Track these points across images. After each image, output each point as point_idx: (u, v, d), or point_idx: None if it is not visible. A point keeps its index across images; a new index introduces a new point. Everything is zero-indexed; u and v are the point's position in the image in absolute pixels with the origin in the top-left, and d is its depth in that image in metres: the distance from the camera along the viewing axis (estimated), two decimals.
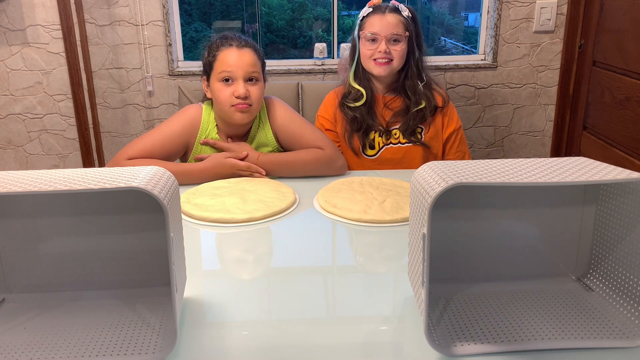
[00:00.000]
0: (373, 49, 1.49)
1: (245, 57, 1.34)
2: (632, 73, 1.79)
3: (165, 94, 2.30)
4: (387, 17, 1.49)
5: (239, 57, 1.34)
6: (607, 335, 0.67)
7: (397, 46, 1.49)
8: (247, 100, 1.33)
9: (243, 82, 1.33)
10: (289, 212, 1.12)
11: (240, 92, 1.32)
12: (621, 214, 0.71)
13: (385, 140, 1.55)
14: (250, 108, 1.35)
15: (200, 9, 2.49)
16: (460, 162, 0.69)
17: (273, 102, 1.45)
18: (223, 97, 1.34)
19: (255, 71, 1.35)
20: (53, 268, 0.78)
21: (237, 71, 1.33)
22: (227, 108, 1.34)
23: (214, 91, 1.36)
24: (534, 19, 2.25)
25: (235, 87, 1.33)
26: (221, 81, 1.34)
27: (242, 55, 1.34)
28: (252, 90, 1.34)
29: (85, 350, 0.65)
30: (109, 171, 0.67)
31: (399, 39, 1.49)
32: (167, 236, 0.62)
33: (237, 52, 1.34)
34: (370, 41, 1.50)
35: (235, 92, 1.32)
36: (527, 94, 2.36)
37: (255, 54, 1.37)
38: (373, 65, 1.51)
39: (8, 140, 2.34)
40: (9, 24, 2.18)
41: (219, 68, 1.34)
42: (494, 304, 0.75)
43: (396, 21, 1.49)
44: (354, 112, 1.54)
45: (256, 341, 0.69)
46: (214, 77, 1.36)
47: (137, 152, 1.32)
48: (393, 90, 1.57)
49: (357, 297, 0.79)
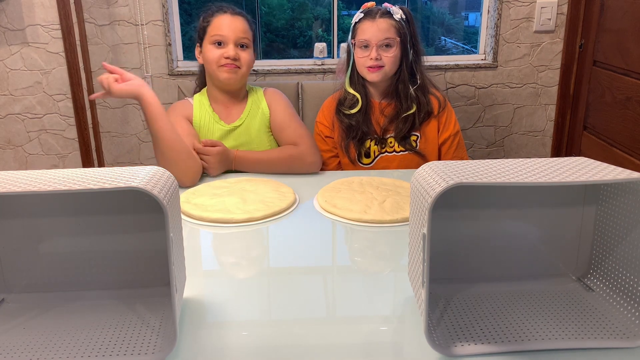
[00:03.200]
0: (365, 56, 1.47)
1: (237, 23, 1.43)
2: (632, 73, 1.79)
3: (165, 94, 2.30)
4: (377, 22, 1.46)
5: (231, 22, 1.42)
6: (607, 335, 0.67)
7: (388, 52, 1.46)
8: (236, 62, 1.41)
9: (234, 46, 1.41)
10: (289, 212, 1.12)
11: (230, 53, 1.40)
12: (621, 214, 0.71)
13: (381, 149, 1.54)
14: (239, 70, 1.42)
15: (200, 8, 2.49)
16: (460, 162, 0.69)
17: (276, 91, 1.54)
18: (212, 57, 1.41)
19: (246, 37, 1.43)
20: (53, 268, 0.78)
21: (229, 35, 1.40)
22: (215, 67, 1.41)
23: (205, 53, 1.43)
24: (534, 18, 2.25)
25: (225, 49, 1.40)
26: (213, 44, 1.42)
27: (234, 21, 1.43)
28: (242, 54, 1.42)
29: (85, 350, 0.65)
30: (108, 171, 0.66)
31: (390, 44, 1.46)
32: (167, 236, 0.62)
33: (230, 18, 1.43)
34: (363, 48, 1.48)
35: (225, 53, 1.40)
36: (527, 94, 2.36)
37: (247, 22, 1.46)
38: (366, 71, 1.49)
39: (7, 140, 2.34)
40: (8, 24, 2.17)
41: (212, 32, 1.42)
42: (494, 304, 0.75)
43: (387, 26, 1.46)
44: (350, 119, 1.52)
45: (256, 341, 0.69)
46: (206, 40, 1.43)
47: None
48: (388, 96, 1.55)
49: (357, 297, 0.79)
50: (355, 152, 1.53)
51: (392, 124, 1.53)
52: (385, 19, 1.47)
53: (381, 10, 1.49)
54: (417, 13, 2.69)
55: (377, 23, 1.46)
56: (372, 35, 1.46)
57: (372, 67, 1.47)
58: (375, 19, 1.47)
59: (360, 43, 1.48)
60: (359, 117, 1.52)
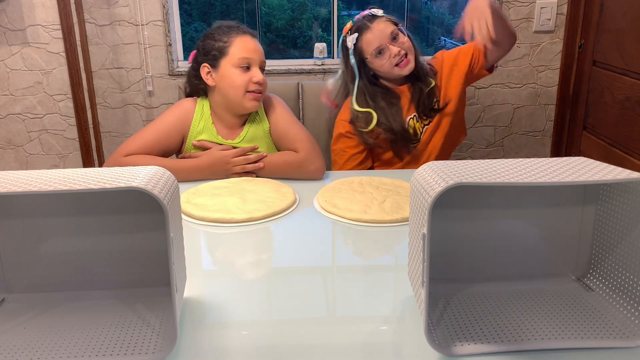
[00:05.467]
0: (386, 60, 1.48)
1: (258, 45, 1.38)
2: (632, 73, 1.79)
3: (165, 94, 2.30)
4: (374, 27, 1.47)
5: (255, 44, 1.37)
6: (607, 335, 0.67)
7: (400, 41, 1.49)
8: (261, 86, 1.35)
9: (258, 69, 1.35)
10: (289, 212, 1.12)
11: (260, 78, 1.34)
12: (621, 214, 0.71)
13: (422, 124, 1.56)
14: (262, 96, 1.37)
15: (200, 9, 2.49)
16: (460, 162, 0.69)
17: (272, 96, 1.47)
18: (240, 82, 1.33)
19: (265, 61, 1.38)
20: (53, 268, 0.78)
21: (255, 58, 1.35)
22: (241, 94, 1.34)
23: (228, 77, 1.34)
24: (534, 18, 2.25)
25: (253, 74, 1.34)
26: (238, 67, 1.34)
27: (256, 43, 1.38)
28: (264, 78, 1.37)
29: (85, 350, 0.65)
30: (109, 171, 0.67)
31: (396, 35, 1.48)
32: (167, 236, 0.62)
33: (252, 40, 1.37)
34: (378, 55, 1.48)
35: (255, 78, 1.33)
36: (527, 94, 2.36)
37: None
38: (398, 70, 1.49)
39: (8, 140, 2.34)
40: (9, 24, 2.17)
41: (238, 54, 1.34)
42: (494, 304, 0.75)
43: (383, 24, 1.48)
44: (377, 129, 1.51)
45: (256, 341, 0.69)
46: (228, 62, 1.34)
47: (135, 148, 1.33)
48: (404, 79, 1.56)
49: (357, 297, 0.79)
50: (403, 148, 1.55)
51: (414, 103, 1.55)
52: (376, 20, 1.49)
53: (366, 17, 1.50)
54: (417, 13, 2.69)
55: (375, 27, 1.48)
56: (380, 39, 1.47)
57: (401, 63, 1.49)
58: (370, 27, 1.48)
59: (374, 52, 1.48)
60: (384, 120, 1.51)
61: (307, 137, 1.37)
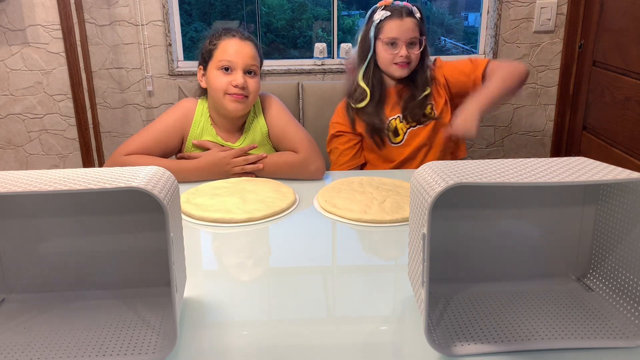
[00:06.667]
0: (394, 54, 1.51)
1: (246, 49, 1.36)
2: (632, 73, 1.79)
3: (165, 94, 2.30)
4: (405, 22, 1.50)
5: (240, 48, 1.35)
6: (607, 335, 0.67)
7: (414, 49, 1.52)
8: (244, 91, 1.34)
9: (242, 72, 1.34)
10: (289, 212, 1.12)
11: (239, 82, 1.32)
12: (621, 214, 0.71)
13: (406, 125, 1.57)
14: (246, 100, 1.35)
15: (200, 9, 2.49)
16: (460, 162, 0.69)
17: (268, 98, 1.46)
18: (219, 85, 1.34)
19: (254, 64, 1.36)
20: (53, 268, 0.78)
21: (238, 61, 1.34)
22: (221, 96, 1.34)
23: (210, 79, 1.36)
24: (534, 18, 2.25)
25: (233, 77, 1.33)
26: (220, 69, 1.34)
27: (243, 46, 1.35)
28: (250, 82, 1.35)
29: (85, 350, 0.65)
30: (109, 171, 0.67)
31: (415, 42, 1.52)
32: (167, 236, 0.62)
33: (239, 43, 1.36)
34: (389, 45, 1.51)
35: (233, 82, 1.32)
36: (527, 94, 2.36)
37: (256, 48, 1.39)
38: (394, 68, 1.53)
39: (8, 140, 2.34)
40: (9, 24, 2.18)
41: (220, 56, 1.34)
42: (494, 304, 0.75)
43: (413, 25, 1.51)
44: (361, 116, 1.56)
45: (256, 341, 0.69)
46: (212, 65, 1.36)
47: (134, 148, 1.33)
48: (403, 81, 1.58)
49: (357, 297, 0.79)
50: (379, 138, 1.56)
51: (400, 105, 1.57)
52: (410, 18, 1.52)
53: (405, 10, 1.53)
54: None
55: (405, 22, 1.50)
56: (401, 34, 1.50)
57: (401, 64, 1.52)
58: (402, 18, 1.51)
59: (388, 40, 1.51)
60: (371, 111, 1.55)
61: (307, 137, 1.37)
